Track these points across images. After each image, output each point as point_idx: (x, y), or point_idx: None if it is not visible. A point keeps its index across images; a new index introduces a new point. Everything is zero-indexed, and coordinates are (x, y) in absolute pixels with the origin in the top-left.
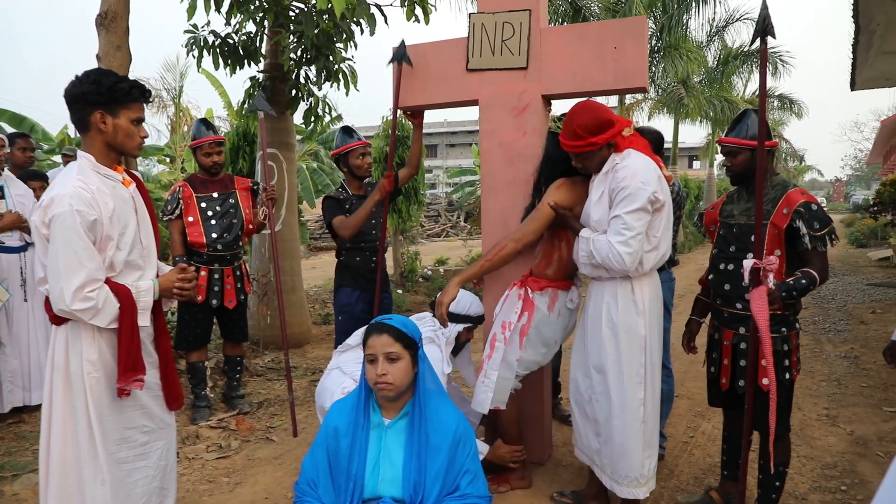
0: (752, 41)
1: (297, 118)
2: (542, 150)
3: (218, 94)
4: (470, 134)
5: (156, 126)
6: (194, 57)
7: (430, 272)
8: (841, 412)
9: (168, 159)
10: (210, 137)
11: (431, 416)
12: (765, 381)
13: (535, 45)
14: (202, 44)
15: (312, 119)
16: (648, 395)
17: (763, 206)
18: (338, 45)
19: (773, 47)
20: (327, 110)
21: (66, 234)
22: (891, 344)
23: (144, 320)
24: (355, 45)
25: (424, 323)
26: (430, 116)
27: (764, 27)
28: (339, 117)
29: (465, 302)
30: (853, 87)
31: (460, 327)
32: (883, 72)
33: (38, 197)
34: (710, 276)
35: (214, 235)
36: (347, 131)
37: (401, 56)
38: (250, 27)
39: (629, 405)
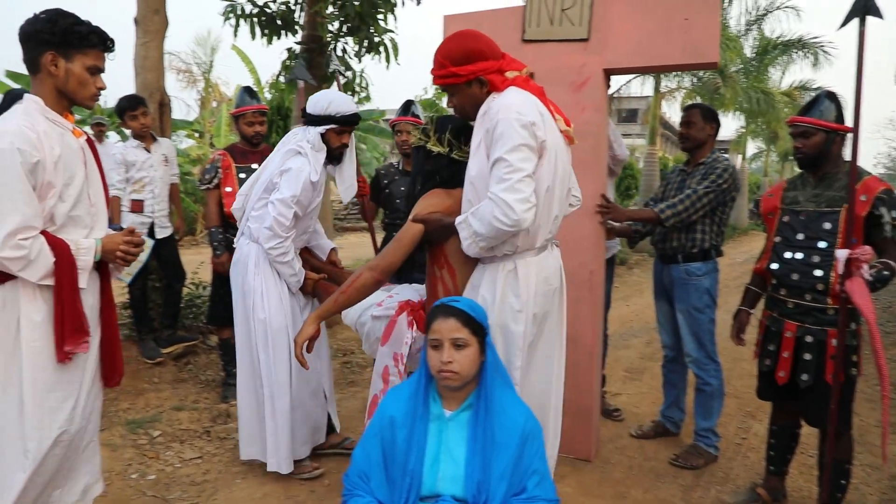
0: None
1: None
2: (417, 167)
3: (248, 71)
4: None
5: (185, 101)
6: (232, 26)
7: None
8: None
9: (197, 134)
10: (254, 106)
11: (497, 410)
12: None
13: (598, 14)
14: (240, 12)
15: (350, 94)
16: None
17: (838, 193)
18: (377, 15)
19: (815, 37)
20: (364, 85)
21: (3, 173)
22: None
23: (81, 281)
24: (395, 17)
25: (287, 139)
26: None
27: (865, 6)
28: (368, 97)
29: (324, 101)
30: None
31: (323, 129)
32: None
33: None
34: (774, 266)
35: None
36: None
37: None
38: None
39: None
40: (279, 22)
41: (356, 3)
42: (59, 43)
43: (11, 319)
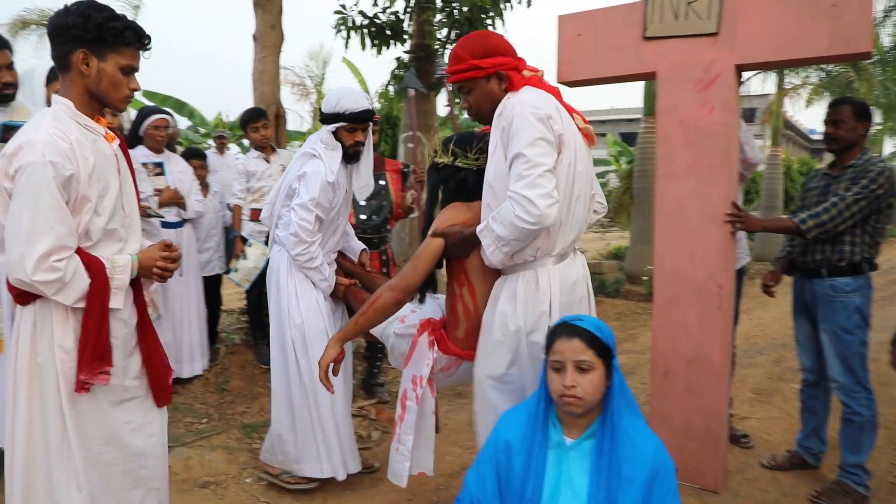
0: None
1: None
2: (430, 181)
3: (357, 82)
4: (601, 123)
5: (299, 112)
6: (343, 38)
7: None
8: None
9: None
10: None
11: (624, 441)
12: None
13: (728, 5)
14: (351, 24)
15: (458, 101)
16: None
17: None
18: (485, 20)
19: None
20: None
21: (34, 188)
22: None
23: (117, 302)
24: (503, 21)
25: (306, 143)
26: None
27: None
28: None
29: (333, 99)
30: None
31: (333, 127)
32: None
33: (198, 176)
34: None
35: (364, 217)
36: None
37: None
38: (398, 5)
39: None
40: (388, 32)
41: (464, 8)
42: (93, 40)
43: (45, 336)
